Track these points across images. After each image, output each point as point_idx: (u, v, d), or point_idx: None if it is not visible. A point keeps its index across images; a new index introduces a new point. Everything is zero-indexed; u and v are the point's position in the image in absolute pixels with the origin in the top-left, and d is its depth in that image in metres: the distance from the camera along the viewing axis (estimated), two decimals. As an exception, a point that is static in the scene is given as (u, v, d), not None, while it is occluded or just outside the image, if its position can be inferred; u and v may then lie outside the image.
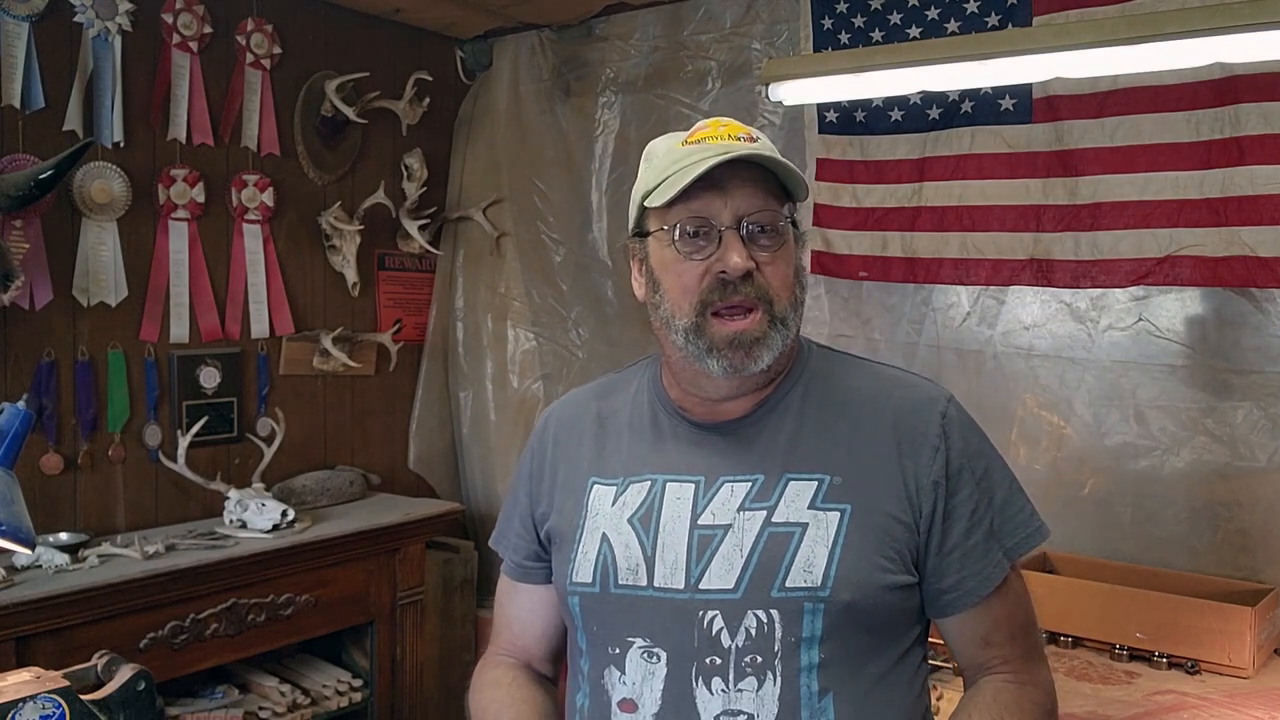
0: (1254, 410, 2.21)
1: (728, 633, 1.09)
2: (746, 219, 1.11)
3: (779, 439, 1.16)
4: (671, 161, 1.14)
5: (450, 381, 3.50)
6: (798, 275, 1.16)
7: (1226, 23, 1.65)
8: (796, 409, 1.17)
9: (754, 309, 1.10)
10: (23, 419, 1.53)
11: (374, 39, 3.20)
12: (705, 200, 1.11)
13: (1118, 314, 2.38)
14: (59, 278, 2.50)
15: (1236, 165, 2.16)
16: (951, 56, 1.95)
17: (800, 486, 1.12)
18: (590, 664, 1.19)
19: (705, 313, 1.11)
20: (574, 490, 1.24)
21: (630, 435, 1.24)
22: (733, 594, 1.09)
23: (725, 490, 1.14)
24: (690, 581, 1.11)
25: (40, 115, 2.45)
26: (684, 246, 1.12)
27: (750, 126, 1.17)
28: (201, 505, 2.74)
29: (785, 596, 1.08)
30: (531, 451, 1.33)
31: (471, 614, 3.29)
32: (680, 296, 1.13)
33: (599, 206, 3.28)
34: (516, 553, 1.32)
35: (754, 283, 1.10)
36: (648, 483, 1.19)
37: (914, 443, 1.14)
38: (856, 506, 1.11)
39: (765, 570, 1.09)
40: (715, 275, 1.10)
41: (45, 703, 1.23)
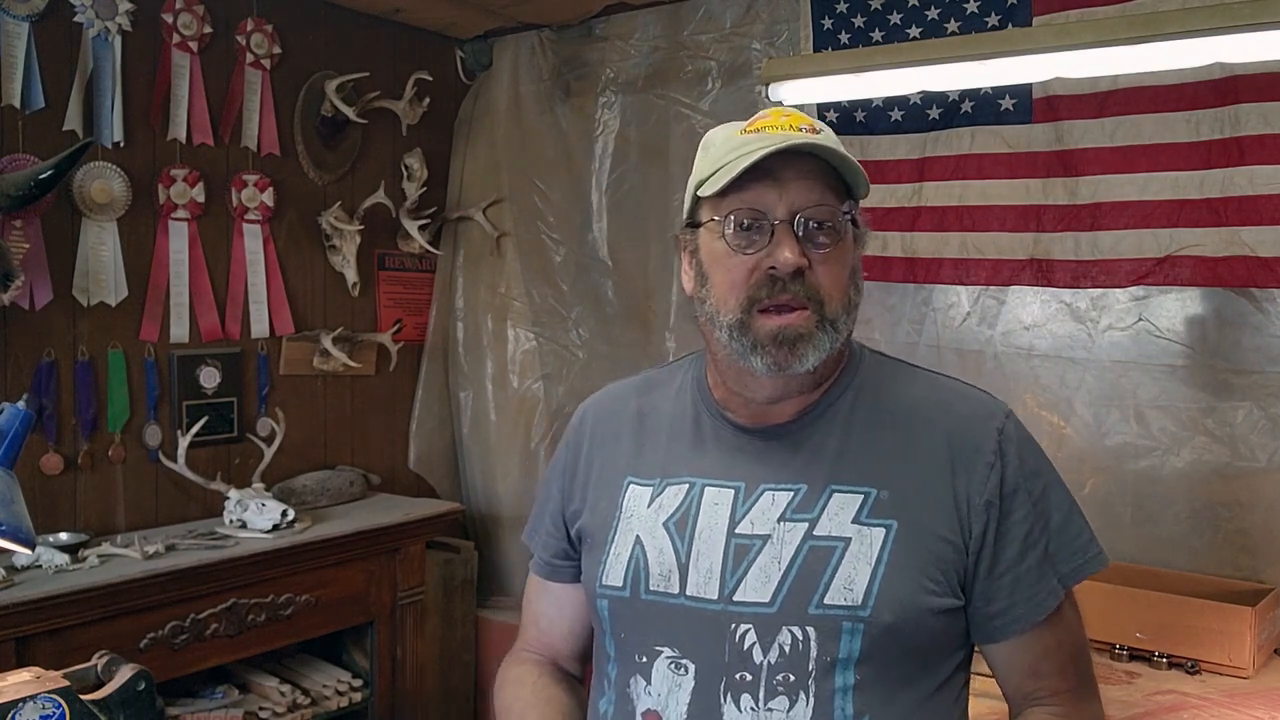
0: (1254, 410, 2.21)
1: (760, 648, 1.04)
2: (802, 213, 1.05)
3: (825, 448, 1.11)
4: (728, 150, 1.09)
5: (450, 381, 3.50)
6: (853, 277, 1.11)
7: (1226, 23, 1.65)
8: (845, 417, 1.12)
9: (802, 307, 1.05)
10: (23, 419, 1.53)
11: (374, 39, 3.20)
12: (759, 192, 1.06)
13: (1118, 314, 2.38)
14: (59, 278, 2.50)
15: (1236, 165, 2.16)
16: (951, 56, 1.95)
17: (845, 499, 1.07)
18: (618, 671, 1.15)
19: (751, 309, 1.06)
20: (609, 488, 1.20)
21: (670, 435, 1.20)
22: (768, 608, 1.05)
23: (766, 499, 1.10)
24: (724, 592, 1.07)
25: (40, 115, 2.45)
26: (735, 239, 1.07)
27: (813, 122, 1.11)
28: (201, 505, 2.74)
29: (823, 614, 1.03)
30: (566, 445, 1.30)
31: (472, 614, 3.29)
32: (727, 291, 1.08)
33: (599, 206, 3.28)
34: (545, 550, 1.29)
35: (805, 281, 1.05)
36: (685, 485, 1.15)
37: (968, 459, 1.08)
38: (903, 523, 1.05)
39: (803, 585, 1.04)
40: (765, 271, 1.05)
41: (45, 703, 1.23)
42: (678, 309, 3.14)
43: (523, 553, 3.37)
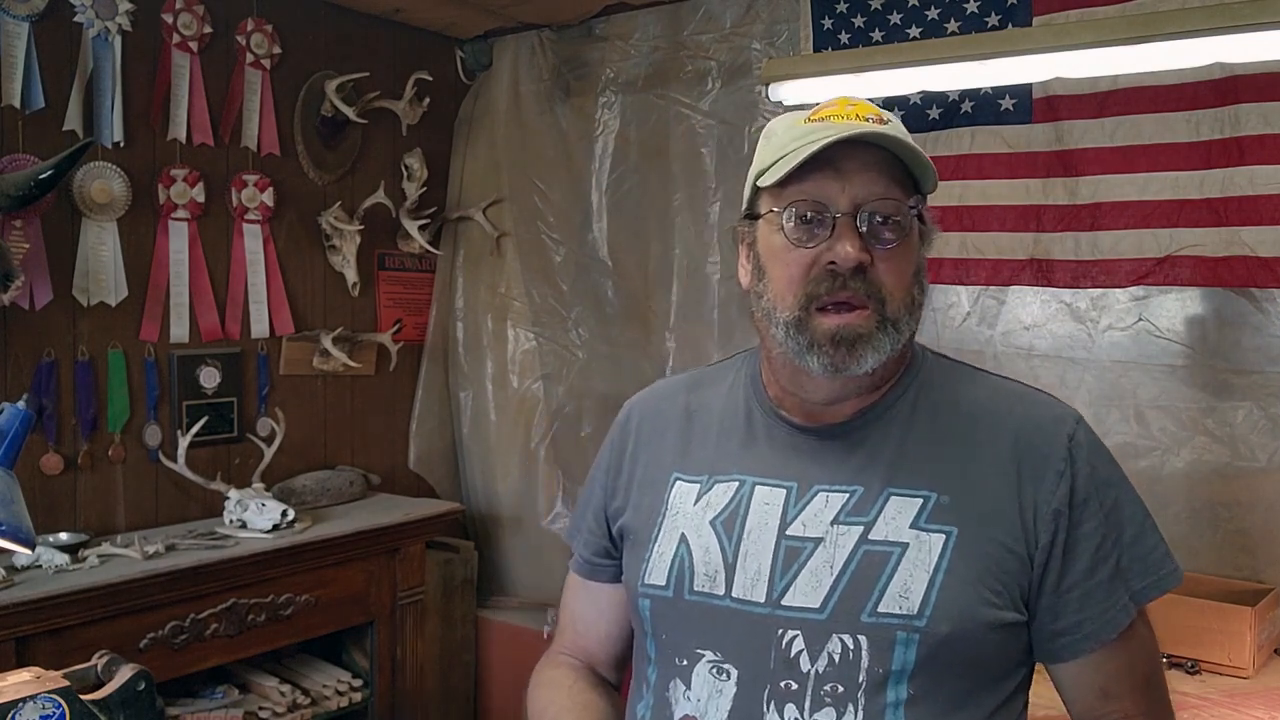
0: (1254, 410, 2.21)
1: (808, 656, 0.99)
2: (865, 207, 1.00)
3: (883, 449, 1.05)
4: (790, 139, 1.03)
5: (450, 381, 3.50)
6: (917, 275, 1.05)
7: (1226, 23, 1.66)
8: (905, 418, 1.07)
9: (863, 306, 1.00)
10: (23, 419, 1.53)
11: (374, 39, 3.20)
12: (820, 183, 1.00)
13: (1118, 314, 2.38)
14: (59, 278, 2.50)
15: (1236, 165, 2.16)
16: (951, 56, 1.96)
17: (902, 503, 1.02)
18: (658, 674, 1.10)
19: (810, 306, 1.01)
20: (654, 485, 1.16)
21: (720, 431, 1.15)
22: (817, 614, 0.99)
23: (819, 500, 1.04)
24: (772, 596, 1.02)
25: (40, 115, 2.45)
26: (794, 232, 1.01)
27: (880, 111, 1.06)
28: (201, 505, 2.74)
29: (876, 623, 0.98)
30: (611, 442, 1.25)
31: (471, 614, 3.29)
32: (785, 288, 1.03)
33: (599, 206, 3.28)
34: (586, 548, 1.25)
35: (866, 278, 1.00)
36: (735, 484, 1.10)
37: (1035, 466, 1.02)
38: (964, 531, 1.00)
39: (856, 591, 0.99)
40: (824, 266, 1.00)
41: (45, 703, 1.23)
42: (678, 309, 3.14)
43: (523, 551, 3.39)
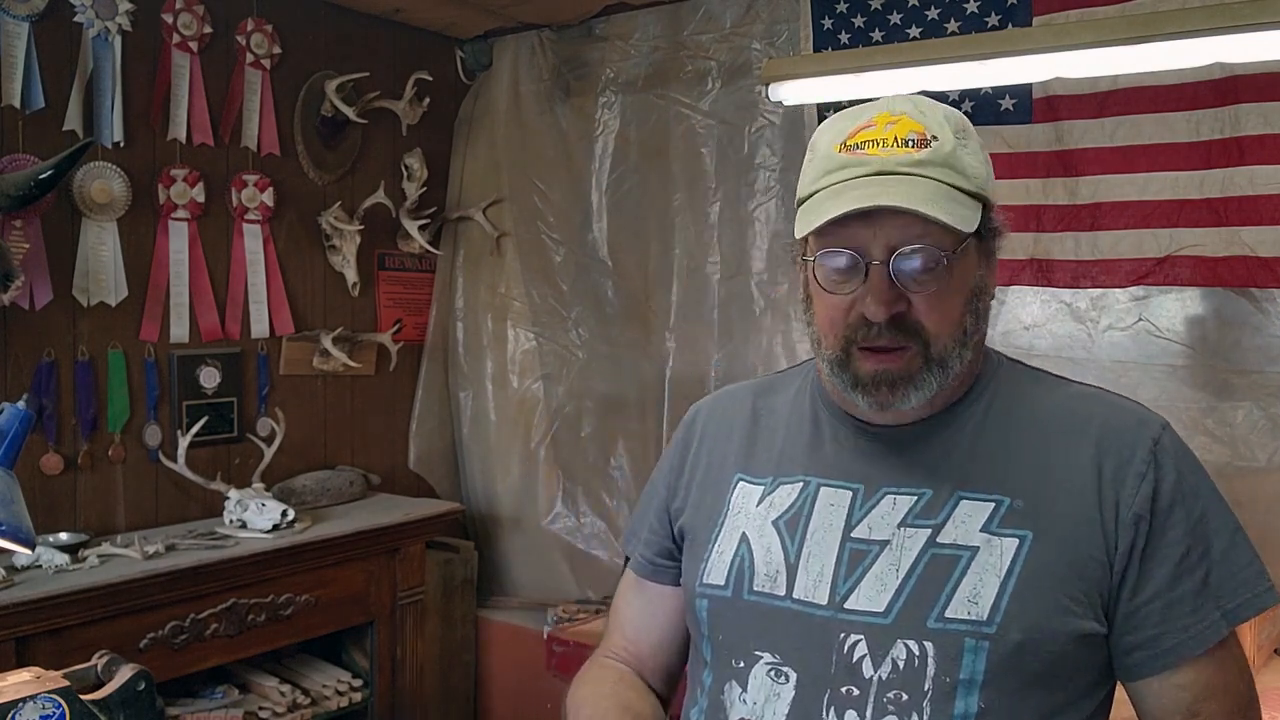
0: (1254, 410, 2.21)
1: (871, 662, 0.95)
2: (899, 252, 0.95)
3: (953, 452, 1.02)
4: (823, 172, 1.00)
5: (450, 381, 3.50)
6: (970, 302, 1.01)
7: (1226, 23, 1.65)
8: (977, 422, 1.04)
9: (905, 348, 0.97)
10: (23, 419, 1.53)
11: (374, 39, 3.20)
12: (854, 229, 0.96)
13: (1118, 314, 2.38)
14: (59, 278, 2.50)
15: (1236, 165, 2.16)
16: (951, 56, 1.95)
17: (973, 506, 0.98)
18: (713, 677, 1.07)
19: (850, 348, 0.99)
20: (716, 485, 1.14)
21: (786, 432, 1.13)
22: (882, 618, 0.96)
23: (886, 502, 1.01)
24: (835, 598, 0.98)
25: (40, 115, 2.45)
26: (827, 279, 0.99)
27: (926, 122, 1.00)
28: (201, 505, 2.74)
29: (943, 629, 0.94)
30: (676, 442, 1.23)
31: (471, 614, 3.29)
32: (827, 328, 1.01)
33: (599, 206, 3.28)
34: (648, 547, 1.21)
35: (905, 323, 0.97)
36: (799, 484, 1.07)
37: (1117, 469, 0.97)
38: (1039, 536, 0.95)
39: (923, 596, 0.95)
40: (860, 313, 0.98)
41: (45, 703, 1.23)
42: (678, 309, 3.14)
43: (523, 551, 3.39)
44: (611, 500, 3.26)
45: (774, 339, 2.94)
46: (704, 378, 3.07)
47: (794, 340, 2.90)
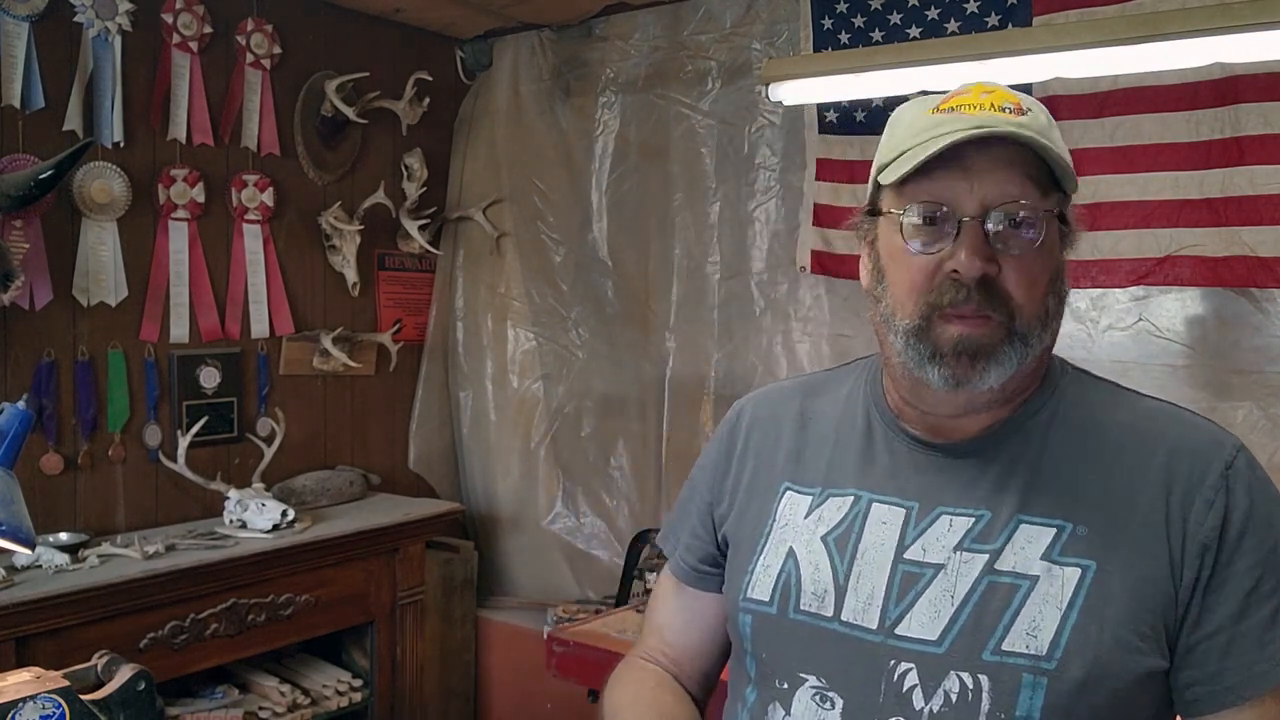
0: (1254, 410, 2.21)
1: (922, 692, 0.90)
2: (994, 209, 0.90)
3: (1015, 472, 0.96)
4: (916, 131, 0.95)
5: (450, 381, 3.50)
6: (1054, 284, 0.95)
7: (1226, 23, 1.65)
8: (1040, 438, 0.97)
9: (989, 317, 0.91)
10: (23, 419, 1.53)
11: (374, 39, 3.20)
12: (947, 182, 0.91)
13: (1118, 314, 2.38)
14: (59, 278, 2.50)
15: (1236, 165, 2.16)
16: (951, 56, 1.95)
17: (1034, 532, 0.92)
18: (756, 695, 1.02)
19: (931, 315, 0.93)
20: (762, 493, 1.09)
21: (836, 441, 1.07)
22: (935, 647, 0.91)
23: (942, 523, 0.96)
24: (885, 623, 0.94)
25: (40, 115, 2.45)
26: (914, 235, 0.93)
27: (1021, 98, 0.96)
28: (201, 505, 2.74)
29: (1000, 662, 0.88)
30: (719, 441, 1.17)
31: (471, 614, 3.29)
32: (905, 294, 0.94)
33: (599, 206, 3.28)
34: (690, 553, 1.16)
35: (993, 289, 0.91)
36: (850, 498, 1.02)
37: (1185, 494, 0.91)
38: (1104, 566, 0.89)
39: (979, 625, 0.90)
40: (947, 274, 0.92)
41: (45, 703, 1.23)
42: (678, 309, 3.14)
43: (523, 551, 3.39)
44: (611, 500, 3.26)
45: (774, 339, 2.94)
46: (704, 378, 3.07)
47: (794, 340, 2.90)
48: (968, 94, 0.96)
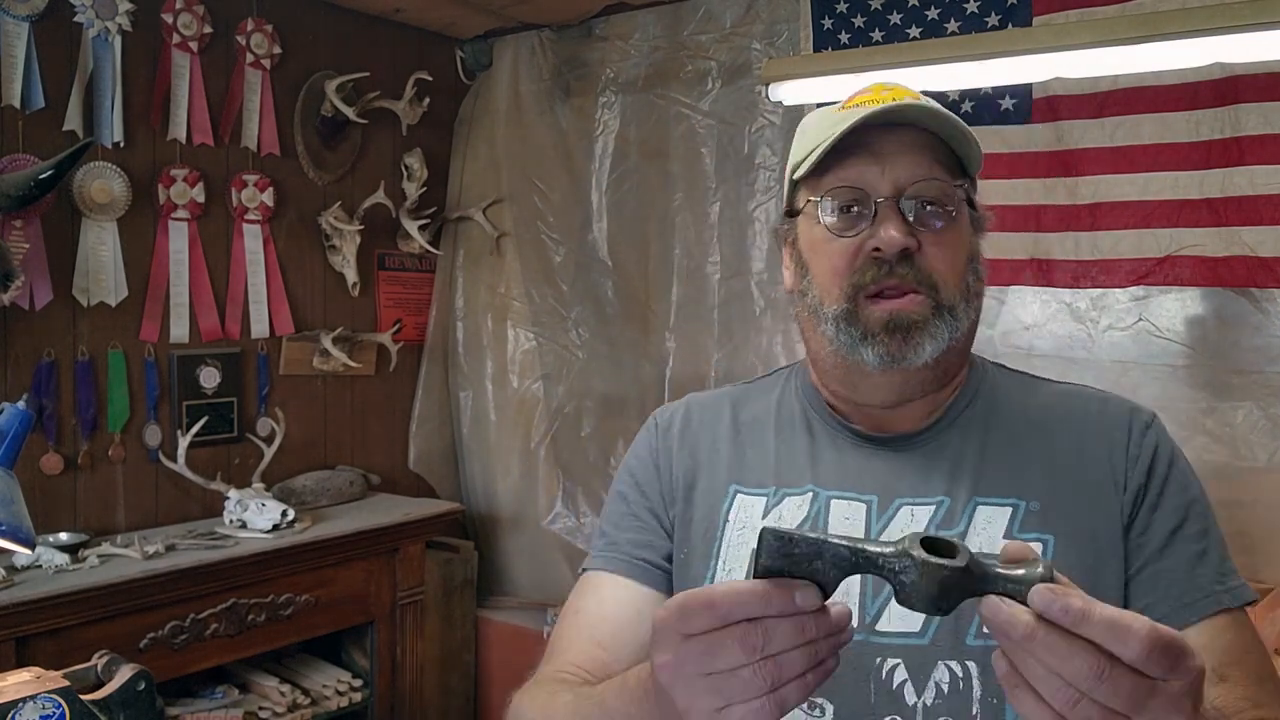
0: (1254, 410, 2.21)
1: (913, 687, 0.90)
2: (908, 191, 0.94)
3: (964, 458, 0.98)
4: (824, 129, 0.97)
5: (450, 381, 3.50)
6: (972, 262, 0.98)
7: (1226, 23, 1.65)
8: (980, 425, 1.00)
9: (914, 291, 0.93)
10: (23, 419, 1.53)
11: (374, 39, 3.20)
12: (859, 169, 0.95)
13: (1118, 314, 2.38)
14: (59, 278, 2.50)
15: (1236, 165, 2.16)
16: (951, 56, 1.95)
17: (992, 512, 0.94)
18: None
19: (857, 296, 0.94)
20: (706, 498, 1.05)
21: (779, 439, 1.05)
22: (919, 639, 0.91)
23: (904, 514, 0.96)
24: (866, 621, 0.92)
25: (40, 115, 2.45)
26: (834, 222, 0.96)
27: (922, 95, 0.99)
28: (201, 505, 2.74)
29: (984, 645, 0.88)
30: (643, 450, 1.12)
31: (472, 614, 3.29)
32: (830, 280, 0.96)
33: (599, 206, 3.28)
34: (638, 548, 1.06)
35: (914, 264, 0.93)
36: (808, 495, 1.00)
37: (1114, 453, 0.96)
38: (1061, 537, 0.92)
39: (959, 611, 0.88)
40: (869, 254, 0.94)
41: (45, 703, 1.23)
42: (678, 309, 3.14)
43: (523, 551, 3.39)
44: (611, 500, 3.26)
45: (774, 339, 2.94)
46: (704, 378, 3.07)
47: (793, 340, 2.90)
48: (869, 92, 0.99)
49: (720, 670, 0.66)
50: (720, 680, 0.66)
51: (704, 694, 0.67)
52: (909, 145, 0.95)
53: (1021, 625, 0.61)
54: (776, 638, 0.65)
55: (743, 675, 0.65)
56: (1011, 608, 0.62)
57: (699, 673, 0.67)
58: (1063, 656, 0.60)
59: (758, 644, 0.65)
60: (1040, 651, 0.61)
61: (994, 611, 0.62)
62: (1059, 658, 0.60)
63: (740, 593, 0.66)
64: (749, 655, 0.65)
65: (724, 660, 0.66)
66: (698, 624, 0.66)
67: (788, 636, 0.65)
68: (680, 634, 0.67)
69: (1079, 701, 0.60)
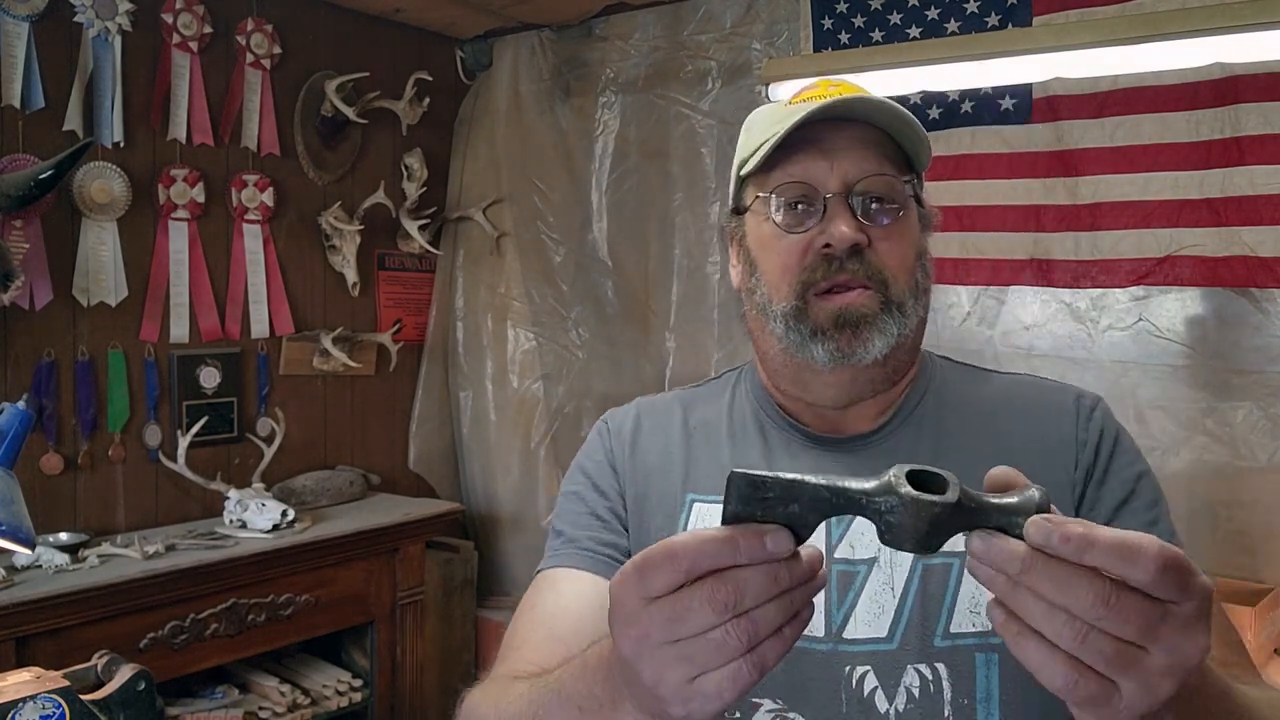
0: (1254, 410, 2.21)
1: (884, 694, 0.88)
2: (857, 186, 0.93)
3: (919, 454, 0.96)
4: (771, 125, 0.96)
5: (450, 381, 3.50)
6: (920, 259, 0.97)
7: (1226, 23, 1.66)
8: (933, 421, 0.99)
9: (864, 286, 0.92)
10: (22, 419, 1.53)
11: (374, 39, 3.20)
12: (807, 164, 0.94)
13: (1118, 314, 2.38)
14: (59, 278, 2.50)
15: (1236, 165, 2.17)
16: (951, 56, 1.96)
17: None
18: None
19: (806, 294, 0.93)
20: (661, 506, 1.02)
21: (732, 444, 1.03)
22: (886, 644, 0.89)
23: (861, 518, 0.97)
24: (832, 629, 0.90)
25: (40, 115, 2.45)
26: (783, 218, 0.94)
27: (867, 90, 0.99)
28: (201, 505, 2.74)
29: (952, 646, 0.88)
30: (605, 450, 1.09)
31: (471, 614, 3.29)
32: (779, 277, 0.95)
33: (599, 206, 3.28)
34: (599, 543, 1.03)
35: (864, 260, 0.92)
36: None
37: (1063, 437, 0.96)
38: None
39: (925, 613, 0.89)
40: (819, 251, 0.93)
41: (45, 703, 1.23)
42: (678, 309, 3.14)
43: (523, 551, 3.39)
44: (611, 500, 3.25)
45: (774, 339, 2.94)
46: (704, 377, 3.07)
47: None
48: (816, 89, 0.98)
49: (689, 635, 0.59)
50: (690, 646, 0.59)
51: (673, 663, 0.60)
52: (857, 141, 0.94)
53: (1018, 557, 0.56)
54: (749, 591, 0.58)
55: (714, 637, 0.58)
56: (1004, 541, 0.57)
57: (666, 640, 0.59)
58: (1065, 586, 0.55)
59: (729, 599, 0.58)
60: (1041, 584, 0.55)
61: (985, 547, 0.57)
62: (1061, 589, 0.55)
63: (705, 541, 0.59)
64: (720, 614, 0.58)
65: (692, 623, 0.58)
66: (660, 582, 0.59)
67: (761, 588, 0.58)
68: (642, 598, 0.60)
69: (1088, 635, 0.55)
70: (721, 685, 0.59)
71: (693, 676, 0.59)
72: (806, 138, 0.93)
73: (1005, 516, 0.58)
